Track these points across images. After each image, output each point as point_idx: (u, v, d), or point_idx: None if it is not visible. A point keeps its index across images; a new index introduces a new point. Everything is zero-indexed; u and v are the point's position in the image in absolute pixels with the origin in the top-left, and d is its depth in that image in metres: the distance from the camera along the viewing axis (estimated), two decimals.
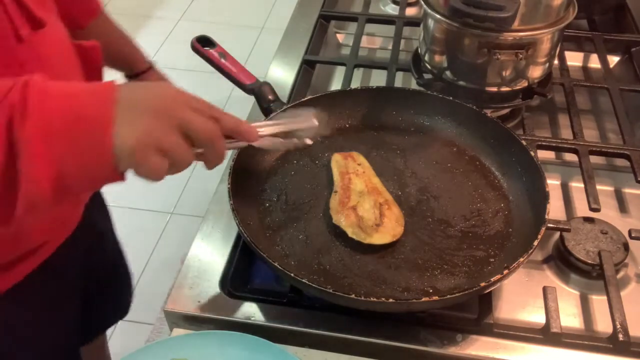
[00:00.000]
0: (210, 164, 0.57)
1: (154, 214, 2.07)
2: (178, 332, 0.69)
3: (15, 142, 0.47)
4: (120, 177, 0.51)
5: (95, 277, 0.91)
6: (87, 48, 0.78)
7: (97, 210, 0.94)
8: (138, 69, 0.94)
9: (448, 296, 0.61)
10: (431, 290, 0.67)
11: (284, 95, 0.98)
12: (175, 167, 0.53)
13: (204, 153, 0.55)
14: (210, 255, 0.75)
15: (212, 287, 0.71)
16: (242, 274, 0.74)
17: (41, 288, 0.78)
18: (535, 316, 0.70)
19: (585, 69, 1.15)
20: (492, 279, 0.62)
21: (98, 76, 0.77)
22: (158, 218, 2.09)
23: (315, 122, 0.69)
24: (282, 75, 1.04)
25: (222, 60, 0.84)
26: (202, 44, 0.86)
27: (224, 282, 0.72)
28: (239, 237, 0.76)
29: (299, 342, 0.66)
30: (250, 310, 0.68)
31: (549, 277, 0.76)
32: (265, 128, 0.64)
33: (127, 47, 0.93)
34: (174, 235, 2.04)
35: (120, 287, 1.03)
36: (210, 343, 0.64)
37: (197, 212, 1.95)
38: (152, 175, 0.52)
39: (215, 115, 0.56)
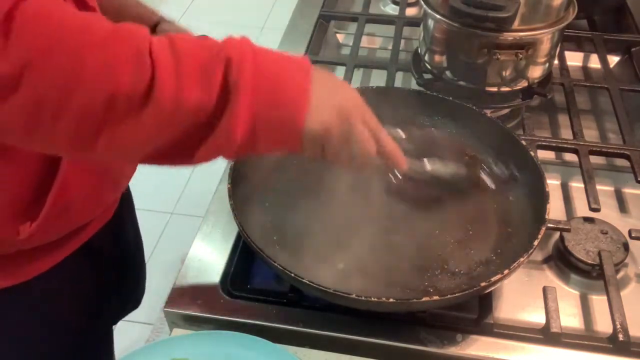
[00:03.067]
0: (340, 164, 0.60)
1: (154, 214, 2.07)
2: (178, 332, 0.69)
3: (228, 88, 0.50)
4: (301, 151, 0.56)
5: (117, 266, 0.93)
6: None
7: (127, 201, 0.96)
8: (152, 22, 0.92)
9: (449, 296, 0.61)
10: (431, 290, 0.67)
11: None
12: (327, 158, 0.58)
13: (348, 161, 0.59)
14: (210, 255, 0.75)
15: (212, 287, 0.71)
16: (242, 274, 0.74)
17: (79, 271, 0.81)
18: (535, 316, 0.70)
19: (585, 69, 1.15)
20: (492, 279, 0.62)
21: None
22: (158, 218, 2.09)
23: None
24: None
25: None
26: None
27: (224, 282, 0.72)
28: (239, 237, 0.76)
29: (299, 342, 0.66)
30: (250, 310, 0.68)
31: (549, 277, 0.76)
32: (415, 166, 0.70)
33: (139, 8, 0.92)
34: (174, 235, 2.04)
35: (137, 277, 1.04)
36: (210, 343, 0.64)
37: (197, 212, 1.94)
38: (310, 157, 0.57)
39: (380, 135, 0.60)
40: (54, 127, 0.48)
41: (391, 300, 0.61)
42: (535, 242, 0.65)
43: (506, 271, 0.62)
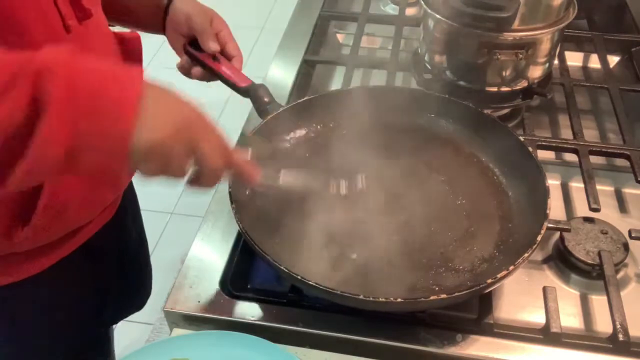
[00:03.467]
0: (199, 188, 0.59)
1: (154, 214, 2.07)
2: (178, 332, 0.69)
3: (39, 99, 0.47)
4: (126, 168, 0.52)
5: (119, 267, 0.93)
6: (128, 38, 0.79)
7: (130, 199, 0.95)
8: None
9: (456, 294, 0.60)
10: (437, 289, 0.67)
11: (284, 95, 0.98)
12: (168, 175, 0.54)
13: (197, 180, 0.57)
14: (210, 255, 0.75)
15: (212, 287, 0.71)
16: (242, 274, 0.74)
17: (78, 271, 0.80)
18: (535, 316, 0.70)
19: (585, 69, 1.15)
20: (498, 276, 0.62)
21: (138, 66, 0.77)
22: (158, 218, 2.09)
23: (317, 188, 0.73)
24: (282, 75, 1.04)
25: (216, 64, 0.83)
26: (195, 48, 0.84)
27: (224, 282, 0.72)
28: (239, 237, 0.76)
29: (299, 342, 0.66)
30: (250, 310, 0.68)
31: (549, 277, 0.76)
32: (268, 179, 0.67)
33: None
34: (174, 235, 2.03)
35: (140, 278, 1.03)
36: (210, 343, 0.64)
37: (197, 212, 1.94)
38: (147, 175, 0.53)
39: (229, 150, 0.58)
40: None
41: (399, 300, 0.60)
42: (539, 238, 0.65)
43: (511, 267, 0.62)
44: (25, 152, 0.47)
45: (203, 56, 0.83)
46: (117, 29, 0.82)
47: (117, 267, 0.92)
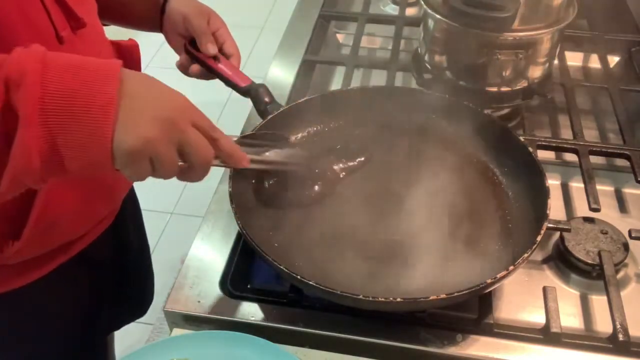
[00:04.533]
0: (189, 181, 0.57)
1: (154, 214, 2.07)
2: (178, 332, 0.69)
3: (13, 108, 0.45)
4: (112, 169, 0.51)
5: (118, 275, 0.92)
6: (126, 47, 0.78)
7: (131, 208, 0.94)
8: None
9: (455, 294, 0.60)
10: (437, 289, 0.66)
11: (284, 95, 0.98)
12: (158, 176, 0.53)
13: (188, 171, 0.55)
14: (210, 255, 0.75)
15: (212, 287, 0.71)
16: (242, 274, 0.74)
17: (73, 280, 0.79)
18: (535, 316, 0.70)
19: (585, 69, 1.15)
20: (498, 276, 0.62)
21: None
22: (158, 218, 2.09)
23: (299, 152, 0.73)
24: (282, 75, 1.04)
25: (216, 63, 0.83)
26: (195, 47, 0.84)
27: (224, 282, 0.72)
28: (239, 237, 0.76)
29: (299, 342, 0.66)
30: (250, 310, 0.68)
31: (549, 277, 0.76)
32: (255, 156, 0.65)
33: None
34: (174, 235, 2.04)
35: (141, 284, 1.02)
36: (210, 343, 0.64)
37: (197, 212, 1.94)
38: (135, 177, 0.52)
39: (215, 136, 0.56)
40: None
41: (399, 300, 0.60)
42: (538, 238, 0.65)
43: (511, 267, 0.62)
44: (6, 160, 0.46)
45: (203, 56, 0.83)
46: (114, 32, 0.82)
47: (116, 276, 0.90)
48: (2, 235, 0.65)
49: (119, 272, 0.91)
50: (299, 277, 0.62)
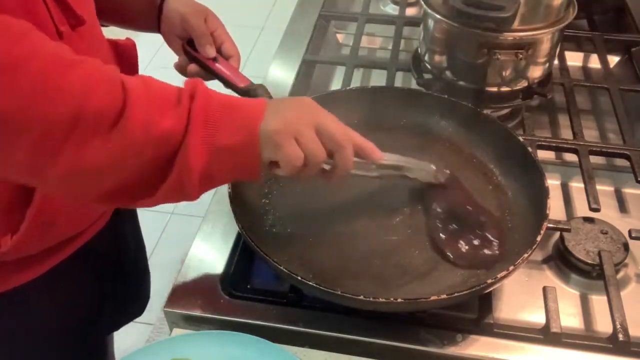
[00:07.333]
0: (338, 170, 0.62)
1: (154, 214, 2.07)
2: (178, 332, 0.69)
3: (189, 119, 0.53)
4: (258, 172, 0.58)
5: (116, 273, 0.92)
6: (123, 45, 0.78)
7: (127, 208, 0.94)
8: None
9: (455, 294, 0.60)
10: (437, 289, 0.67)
11: (284, 95, 0.98)
12: (308, 164, 0.59)
13: (334, 158, 0.61)
14: (210, 255, 0.75)
15: (212, 287, 0.71)
16: (242, 274, 0.74)
17: (70, 279, 0.79)
18: (535, 316, 0.70)
19: (585, 69, 1.15)
20: (498, 276, 0.62)
21: (133, 73, 0.77)
22: (158, 218, 2.09)
23: (433, 168, 0.76)
24: (282, 75, 1.04)
25: (215, 64, 0.82)
26: (194, 48, 0.84)
27: (224, 282, 0.72)
28: (239, 237, 0.76)
29: (299, 342, 0.66)
30: (250, 310, 0.68)
31: (549, 277, 0.76)
32: (387, 155, 0.69)
33: None
34: (174, 235, 2.04)
35: (138, 283, 1.02)
36: (210, 343, 0.64)
37: (197, 212, 1.95)
38: (289, 162, 0.58)
39: (345, 131, 0.62)
40: (15, 142, 0.48)
41: (399, 300, 0.61)
42: (538, 238, 0.65)
43: (511, 267, 0.62)
44: (171, 169, 0.53)
45: (201, 56, 0.83)
46: (112, 32, 0.82)
47: (114, 274, 0.90)
48: (0, 229, 0.65)
49: (116, 271, 0.91)
50: (299, 277, 0.62)
